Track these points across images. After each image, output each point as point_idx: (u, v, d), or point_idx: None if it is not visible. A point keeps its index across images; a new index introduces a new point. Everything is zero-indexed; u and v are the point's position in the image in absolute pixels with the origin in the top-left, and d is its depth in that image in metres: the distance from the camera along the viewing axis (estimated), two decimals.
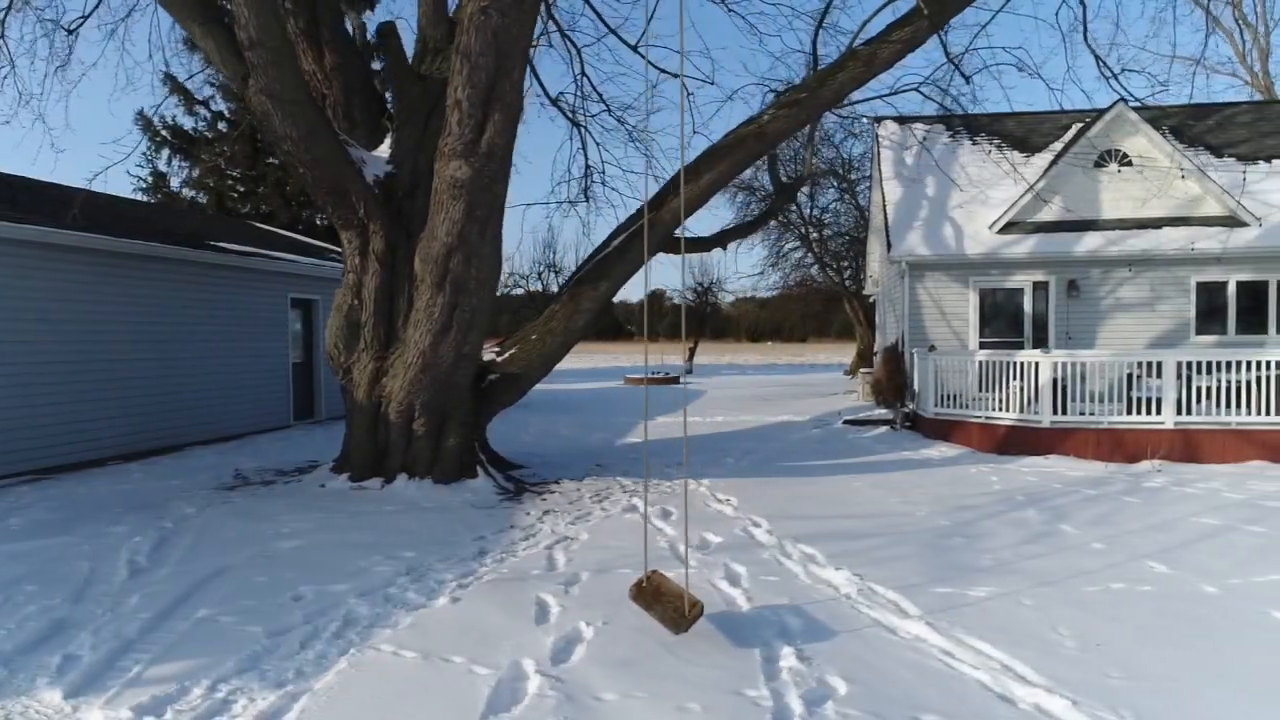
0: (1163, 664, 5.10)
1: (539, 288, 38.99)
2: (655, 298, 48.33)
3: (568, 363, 52.10)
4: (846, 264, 32.17)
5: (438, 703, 4.42)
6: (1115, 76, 10.84)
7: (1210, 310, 15.87)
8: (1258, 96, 32.63)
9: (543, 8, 14.24)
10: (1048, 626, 5.71)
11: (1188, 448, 11.61)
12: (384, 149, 10.03)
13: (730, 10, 13.85)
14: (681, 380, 32.51)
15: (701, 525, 8.52)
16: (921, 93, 12.52)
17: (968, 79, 11.40)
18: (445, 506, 9.04)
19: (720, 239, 12.40)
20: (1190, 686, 4.80)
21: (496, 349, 10.45)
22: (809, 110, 10.31)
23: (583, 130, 15.33)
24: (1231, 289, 15.78)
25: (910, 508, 9.32)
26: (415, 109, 10.17)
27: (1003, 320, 16.50)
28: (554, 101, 14.94)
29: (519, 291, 40.63)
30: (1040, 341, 16.05)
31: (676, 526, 8.53)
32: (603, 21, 13.16)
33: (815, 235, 31.88)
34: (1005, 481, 10.58)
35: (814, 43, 12.06)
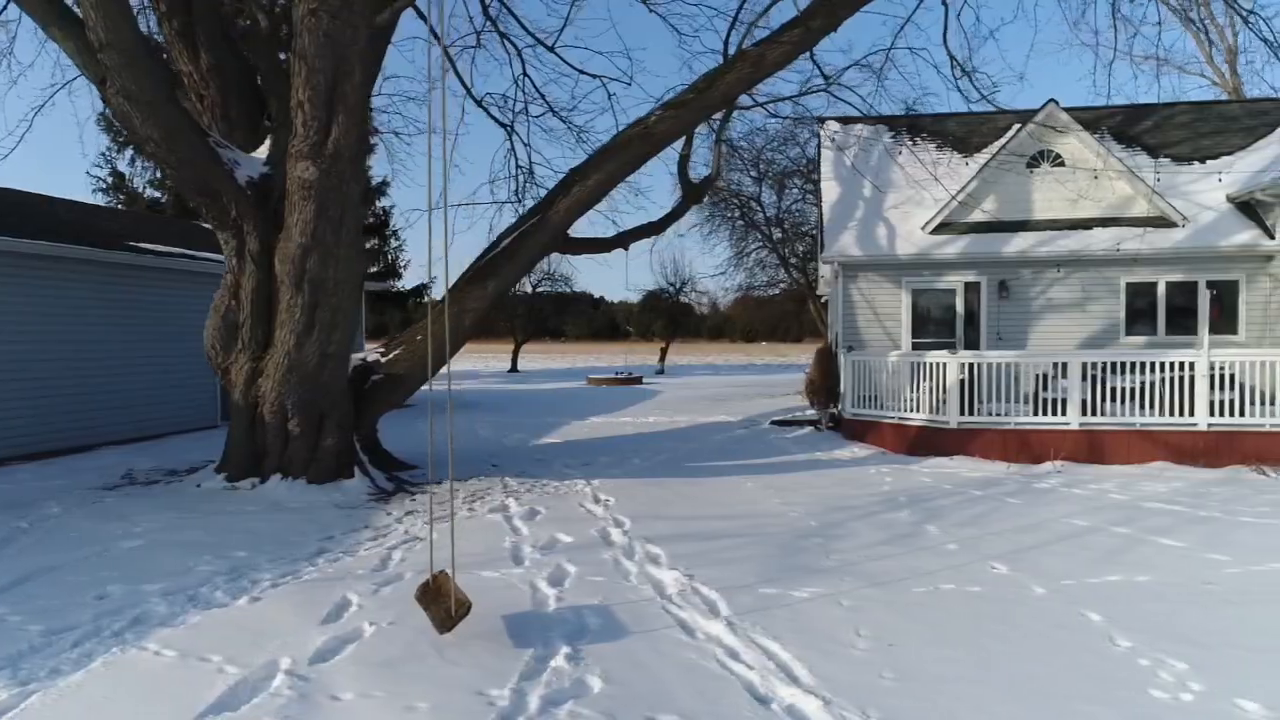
0: (942, 665, 5.04)
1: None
2: (654, 297, 48.09)
3: (546, 363, 52.21)
4: (813, 264, 32.07)
5: (164, 702, 4.34)
6: (969, 75, 10.90)
7: (1140, 311, 15.78)
8: (1224, 96, 32.62)
9: (481, 7, 14.23)
10: (851, 628, 5.65)
11: (1092, 449, 11.54)
12: (263, 150, 9.96)
13: (651, 10, 13.79)
14: (644, 380, 32.44)
15: (563, 525, 8.45)
16: (831, 93, 12.46)
17: (827, 80, 11.35)
18: (310, 507, 8.95)
19: (620, 240, 12.34)
20: (958, 687, 4.73)
21: (381, 350, 10.38)
22: (696, 112, 10.26)
23: (511, 131, 15.28)
24: (1161, 290, 15.69)
25: (786, 508, 9.25)
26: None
27: (936, 321, 16.40)
28: (479, 103, 14.88)
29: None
30: (973, 342, 15.96)
31: (539, 526, 8.46)
32: (517, 20, 13.09)
33: (779, 235, 31.79)
34: (897, 483, 10.50)
35: (725, 42, 11.98)
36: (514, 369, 41.68)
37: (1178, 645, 5.19)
